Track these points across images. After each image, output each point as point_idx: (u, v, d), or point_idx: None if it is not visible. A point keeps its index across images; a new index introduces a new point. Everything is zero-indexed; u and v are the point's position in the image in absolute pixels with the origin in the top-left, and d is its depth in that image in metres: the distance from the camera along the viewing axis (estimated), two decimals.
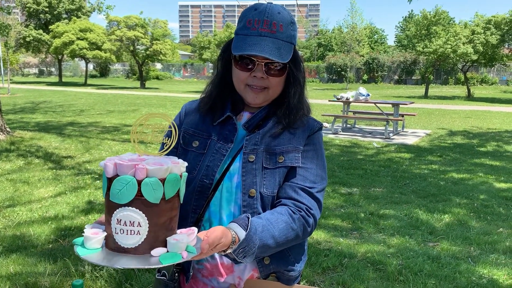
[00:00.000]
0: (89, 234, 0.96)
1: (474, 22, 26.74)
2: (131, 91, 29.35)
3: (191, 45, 73.23)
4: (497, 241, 4.06)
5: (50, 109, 16.40)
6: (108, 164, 0.94)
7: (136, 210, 0.92)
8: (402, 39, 58.74)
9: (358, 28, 36.76)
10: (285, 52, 1.24)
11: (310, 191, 1.29)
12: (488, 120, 14.34)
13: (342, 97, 11.53)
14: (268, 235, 1.18)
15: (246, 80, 1.28)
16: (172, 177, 0.95)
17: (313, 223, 1.29)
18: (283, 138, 1.31)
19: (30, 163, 7.02)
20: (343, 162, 7.48)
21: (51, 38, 37.10)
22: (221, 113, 1.35)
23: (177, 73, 57.13)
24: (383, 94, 28.17)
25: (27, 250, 3.72)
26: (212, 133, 1.35)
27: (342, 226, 4.44)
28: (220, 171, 1.30)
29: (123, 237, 0.93)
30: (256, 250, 1.15)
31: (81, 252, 0.94)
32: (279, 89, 1.31)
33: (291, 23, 1.26)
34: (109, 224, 0.95)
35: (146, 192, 0.92)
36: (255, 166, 1.28)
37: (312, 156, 1.32)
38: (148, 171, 0.92)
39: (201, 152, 1.33)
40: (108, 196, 0.95)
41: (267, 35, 1.22)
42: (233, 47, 1.25)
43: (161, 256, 0.93)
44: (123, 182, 0.91)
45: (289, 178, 1.30)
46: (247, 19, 1.24)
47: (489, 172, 6.88)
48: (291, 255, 1.36)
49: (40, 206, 4.90)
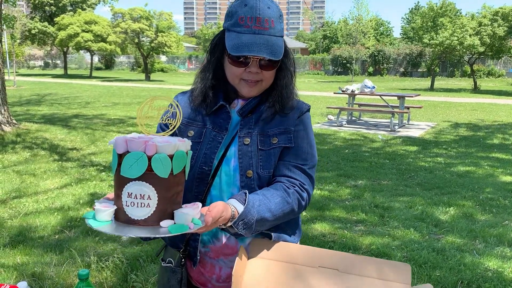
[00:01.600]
0: (100, 207, 1.00)
1: (481, 14, 26.44)
2: (136, 84, 29.37)
3: (196, 37, 73.08)
4: (502, 234, 4.04)
5: (56, 101, 16.46)
6: (119, 141, 1.00)
7: (146, 184, 0.98)
8: (408, 31, 58.24)
9: (363, 20, 36.46)
10: (279, 48, 1.28)
11: (302, 168, 1.38)
12: (494, 112, 14.24)
13: (347, 90, 11.48)
14: (265, 208, 1.25)
15: (241, 75, 1.33)
16: (179, 153, 1.01)
17: (307, 197, 1.38)
18: (275, 121, 1.39)
19: (36, 155, 7.06)
20: (348, 155, 7.46)
21: (56, 31, 37.11)
22: (214, 103, 1.40)
23: (182, 66, 57.06)
24: (389, 87, 28.01)
25: (34, 240, 3.76)
26: (206, 122, 1.40)
27: (347, 218, 4.44)
28: (218, 157, 1.36)
29: (134, 210, 0.99)
30: (254, 222, 1.22)
31: (94, 224, 0.99)
32: (271, 80, 1.38)
33: (280, 16, 1.31)
34: (119, 198, 1.01)
35: (156, 167, 0.97)
36: (251, 149, 1.35)
37: (302, 135, 1.40)
38: (157, 147, 0.98)
39: (197, 141, 1.37)
40: (118, 172, 1.00)
41: (261, 33, 1.26)
42: (229, 46, 1.27)
43: (170, 226, 0.99)
44: (135, 157, 0.97)
45: (282, 157, 1.37)
46: (239, 16, 1.27)
47: (495, 165, 6.84)
48: (287, 231, 1.44)
49: (46, 198, 4.94)
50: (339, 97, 17.38)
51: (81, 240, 3.77)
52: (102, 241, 3.75)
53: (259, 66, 1.30)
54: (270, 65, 1.32)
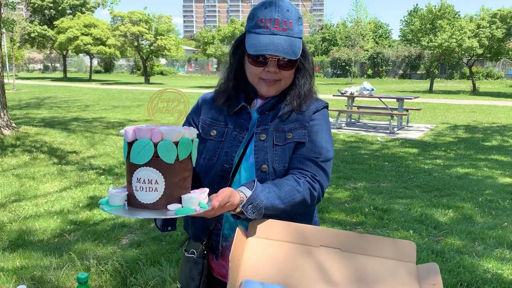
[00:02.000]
0: (113, 192, 1.07)
1: (479, 16, 26.50)
2: (136, 87, 29.40)
3: (195, 40, 73.21)
4: (501, 236, 4.05)
5: (55, 104, 16.47)
6: (128, 130, 1.06)
7: (153, 169, 1.04)
8: (407, 34, 58.34)
9: (362, 23, 36.56)
10: (296, 48, 1.33)
11: (315, 160, 1.40)
12: (493, 114, 14.26)
13: (347, 92, 11.50)
14: (274, 195, 1.28)
15: (260, 75, 1.38)
16: (184, 140, 1.07)
17: (319, 188, 1.38)
18: (291, 118, 1.43)
19: (35, 158, 7.06)
20: (347, 157, 7.47)
21: (55, 34, 37.17)
22: (235, 104, 1.45)
23: (181, 68, 57.13)
24: (388, 89, 28.05)
25: (33, 244, 3.76)
26: (228, 123, 1.45)
27: (347, 221, 4.45)
28: (238, 155, 1.41)
29: (143, 194, 1.05)
30: (263, 207, 1.25)
31: (106, 208, 1.06)
32: (290, 80, 1.42)
33: (298, 19, 1.37)
34: (130, 184, 1.07)
35: (162, 153, 1.03)
36: (266, 144, 1.40)
37: (316, 130, 1.43)
38: (163, 134, 1.04)
39: (219, 140, 1.43)
40: (128, 159, 1.06)
41: (279, 34, 1.32)
42: (248, 46, 1.33)
43: (176, 209, 1.05)
44: (142, 144, 1.04)
45: (296, 152, 1.41)
46: (258, 18, 1.34)
47: (494, 167, 6.85)
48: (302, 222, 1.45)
49: (46, 201, 4.94)
50: (338, 100, 17.40)
51: (80, 243, 3.77)
52: (102, 244, 3.75)
53: (277, 66, 1.35)
54: (288, 65, 1.37)
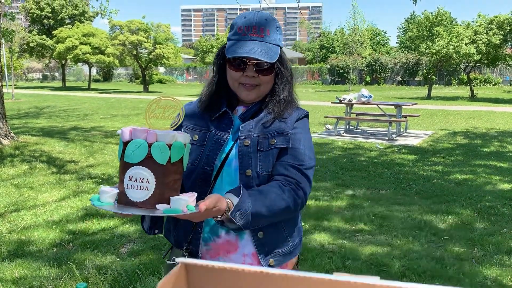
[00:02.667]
0: (104, 189, 1.11)
1: (476, 23, 26.67)
2: (135, 95, 29.45)
3: (193, 48, 73.40)
4: (501, 242, 4.05)
5: (54, 113, 16.48)
6: (125, 130, 1.11)
7: (145, 168, 1.08)
8: (405, 41, 58.61)
9: (360, 30, 36.75)
10: (272, 53, 1.40)
11: (299, 167, 1.44)
12: (491, 120, 14.30)
13: (345, 99, 11.53)
14: (260, 203, 1.30)
15: (239, 79, 1.44)
16: (177, 144, 1.11)
17: (303, 196, 1.42)
18: (274, 125, 1.47)
19: (34, 168, 7.06)
20: (346, 164, 7.47)
21: (54, 43, 37.27)
22: (217, 109, 1.51)
23: (180, 77, 57.24)
24: (386, 96, 28.13)
25: (32, 254, 3.75)
26: (210, 127, 1.50)
27: (346, 228, 4.44)
28: (220, 159, 1.44)
29: (133, 192, 1.09)
30: (250, 214, 1.27)
31: (97, 204, 1.10)
32: (269, 86, 1.48)
33: (277, 28, 1.44)
34: (122, 182, 1.11)
35: (155, 153, 1.08)
36: (250, 150, 1.43)
37: (299, 138, 1.48)
38: (157, 136, 1.09)
39: (201, 144, 1.47)
40: (123, 158, 1.11)
41: (256, 39, 1.39)
42: (227, 51, 1.42)
43: (165, 209, 1.08)
44: (137, 144, 1.08)
45: (280, 158, 1.45)
46: (237, 26, 1.42)
47: (492, 173, 6.86)
48: (285, 230, 1.50)
49: (45, 211, 4.93)
50: (337, 107, 17.45)
51: (79, 253, 3.76)
52: (101, 254, 3.74)
53: (255, 71, 1.41)
54: (266, 70, 1.42)
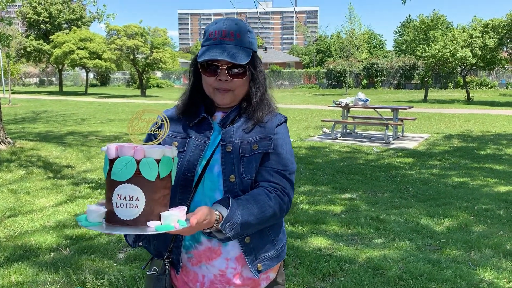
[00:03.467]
0: (92, 209, 1.08)
1: (472, 26, 26.83)
2: (132, 100, 29.43)
3: (191, 53, 73.53)
4: (497, 245, 4.06)
5: (51, 118, 16.46)
6: (110, 147, 1.08)
7: (134, 186, 1.05)
8: (401, 44, 58.86)
9: (356, 34, 36.87)
10: (242, 56, 1.41)
11: (283, 173, 1.45)
12: (487, 123, 14.36)
13: (341, 103, 11.57)
14: (248, 212, 1.31)
15: (213, 84, 1.44)
16: (166, 158, 1.09)
17: (288, 201, 1.44)
18: (255, 131, 1.48)
19: (31, 173, 7.04)
20: (343, 167, 7.49)
21: (51, 48, 37.28)
22: (196, 115, 1.51)
23: (177, 81, 57.27)
24: (383, 99, 28.21)
25: (29, 259, 3.74)
26: (190, 133, 1.50)
27: (343, 232, 4.45)
28: (201, 165, 1.44)
29: (123, 211, 1.06)
30: (239, 226, 1.28)
31: (85, 224, 1.07)
32: (243, 89, 1.48)
33: (248, 32, 1.46)
34: (110, 200, 1.08)
35: (144, 170, 1.05)
36: (233, 156, 1.43)
37: (281, 143, 1.49)
38: (145, 152, 1.06)
39: (181, 151, 1.46)
40: (109, 176, 1.08)
41: (226, 43, 1.40)
42: (199, 57, 1.43)
43: (156, 226, 1.06)
44: (124, 161, 1.05)
45: (264, 163, 1.45)
46: (209, 32, 1.44)
47: (489, 176, 6.89)
48: (271, 234, 1.50)
49: (41, 216, 4.92)
50: (334, 110, 17.49)
51: (76, 258, 3.75)
52: (98, 259, 3.73)
53: (228, 75, 1.41)
54: (238, 74, 1.42)
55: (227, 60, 1.38)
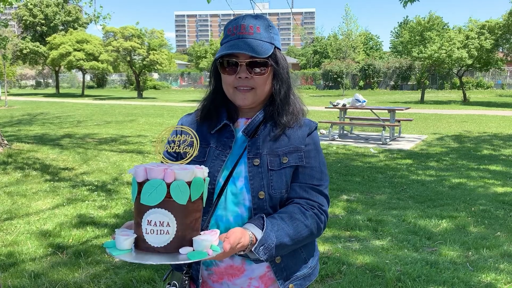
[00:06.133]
0: (120, 235, 1.02)
1: (468, 27, 26.93)
2: (129, 101, 29.38)
3: (188, 54, 73.46)
4: (495, 245, 4.06)
5: (48, 120, 16.40)
6: (138, 170, 1.02)
7: (165, 211, 1.00)
8: (397, 45, 58.99)
9: (353, 35, 36.95)
10: (262, 49, 1.29)
11: (319, 188, 1.36)
12: (484, 124, 14.40)
13: (338, 104, 11.57)
14: (283, 233, 1.23)
15: (233, 83, 1.34)
16: (197, 180, 1.03)
17: (325, 219, 1.35)
18: (283, 139, 1.36)
19: (27, 175, 7.01)
20: (341, 169, 7.49)
21: (47, 50, 37.20)
22: (217, 122, 1.41)
23: (174, 83, 57.24)
24: (379, 100, 28.26)
25: (25, 263, 3.71)
26: (210, 141, 1.39)
27: (340, 233, 4.44)
28: (224, 177, 1.33)
29: (153, 237, 1.00)
30: (274, 248, 1.20)
31: (114, 253, 1.01)
32: (265, 88, 1.36)
33: (269, 26, 1.35)
34: (139, 226, 1.02)
35: (175, 194, 0.99)
36: (261, 170, 1.32)
37: (314, 155, 1.39)
38: (176, 174, 1.00)
39: (201, 161, 1.36)
40: (138, 200, 1.02)
41: (245, 37, 1.30)
42: (216, 55, 1.33)
43: (189, 253, 1.00)
44: (154, 185, 0.99)
45: (297, 178, 1.35)
46: (227, 29, 1.36)
47: (486, 176, 6.90)
48: (303, 252, 1.41)
49: (38, 219, 4.89)
50: (331, 111, 17.49)
51: (73, 261, 3.73)
52: (95, 262, 3.71)
53: (248, 71, 1.30)
54: (259, 70, 1.32)
55: (246, 54, 1.28)
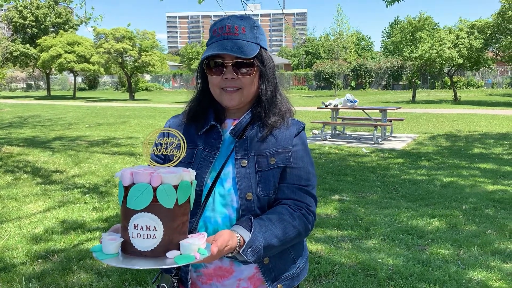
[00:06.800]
0: (107, 240, 1.01)
1: (458, 27, 27.16)
2: (120, 103, 29.24)
3: (179, 55, 73.29)
4: (485, 243, 4.10)
5: (39, 123, 16.27)
6: (125, 174, 1.01)
7: (151, 215, 0.99)
8: (389, 45, 59.33)
9: (344, 35, 37.09)
10: (248, 50, 1.30)
11: (306, 189, 1.36)
12: (474, 122, 14.52)
13: (330, 104, 11.61)
14: (271, 234, 1.23)
15: (220, 84, 1.34)
16: (184, 183, 1.02)
17: (313, 220, 1.36)
18: (271, 140, 1.37)
19: (18, 178, 6.95)
20: (333, 169, 7.51)
21: (38, 52, 36.90)
22: (205, 123, 1.41)
23: (166, 84, 57.05)
24: (371, 100, 28.40)
25: (16, 267, 3.68)
26: (198, 143, 1.39)
27: (333, 233, 4.46)
28: (212, 178, 1.33)
29: (140, 241, 1.00)
30: (262, 249, 1.20)
31: (100, 257, 1.00)
32: (252, 88, 1.36)
33: (254, 27, 1.35)
34: (126, 230, 1.01)
35: (161, 197, 0.99)
36: (249, 171, 1.32)
37: (302, 155, 1.38)
38: (162, 178, 0.99)
39: (188, 162, 1.35)
40: (124, 204, 1.01)
41: (230, 38, 1.31)
42: (202, 56, 1.33)
43: (176, 257, 1.00)
44: (140, 189, 0.99)
45: (284, 179, 1.35)
46: (212, 30, 1.36)
47: (476, 175, 6.96)
48: (292, 252, 1.42)
49: (29, 222, 4.85)
50: (323, 112, 17.54)
51: (64, 265, 3.70)
52: (86, 265, 3.69)
53: (234, 72, 1.30)
54: (245, 70, 1.31)
55: (231, 55, 1.28)
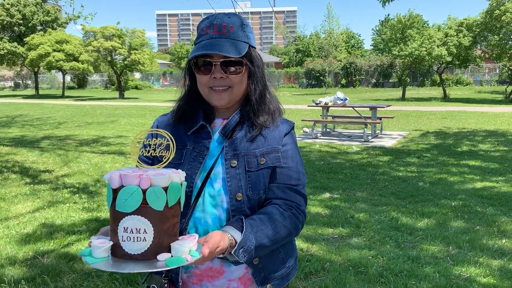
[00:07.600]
0: (96, 243, 0.99)
1: (447, 25, 27.38)
2: (110, 102, 29.04)
3: (169, 53, 72.91)
4: (474, 239, 4.15)
5: (27, 122, 16.10)
6: (113, 176, 0.99)
7: (141, 217, 0.97)
8: (379, 43, 59.67)
9: (335, 34, 37.23)
10: (237, 49, 1.28)
11: (296, 188, 1.36)
12: (463, 120, 14.66)
13: (321, 102, 11.64)
14: (263, 235, 1.23)
15: (208, 83, 1.32)
16: (173, 185, 1.01)
17: (303, 219, 1.36)
18: (260, 140, 1.36)
19: (6, 178, 6.87)
20: (323, 166, 7.54)
21: (26, 51, 36.47)
22: (193, 123, 1.39)
23: (156, 82, 56.77)
24: (361, 98, 28.53)
25: (4, 268, 3.64)
26: (187, 143, 1.37)
27: (323, 231, 4.47)
28: (202, 178, 1.32)
29: (130, 244, 0.98)
30: (253, 250, 1.20)
31: (90, 261, 0.98)
32: (241, 87, 1.35)
33: (243, 25, 1.33)
34: (115, 233, 1.00)
35: (151, 200, 0.97)
36: (239, 171, 1.31)
37: (291, 154, 1.39)
38: (151, 180, 0.98)
39: (177, 163, 1.34)
40: (113, 207, 0.99)
41: (218, 37, 1.29)
42: (190, 55, 1.31)
43: (167, 260, 0.98)
44: (129, 191, 0.97)
45: (274, 179, 1.35)
46: (200, 28, 1.33)
47: (465, 172, 7.03)
48: (281, 252, 1.42)
49: (18, 223, 4.80)
50: (314, 110, 17.58)
51: (54, 265, 3.67)
52: (76, 266, 3.66)
53: (223, 70, 1.29)
54: (234, 69, 1.30)
55: (220, 55, 1.26)
